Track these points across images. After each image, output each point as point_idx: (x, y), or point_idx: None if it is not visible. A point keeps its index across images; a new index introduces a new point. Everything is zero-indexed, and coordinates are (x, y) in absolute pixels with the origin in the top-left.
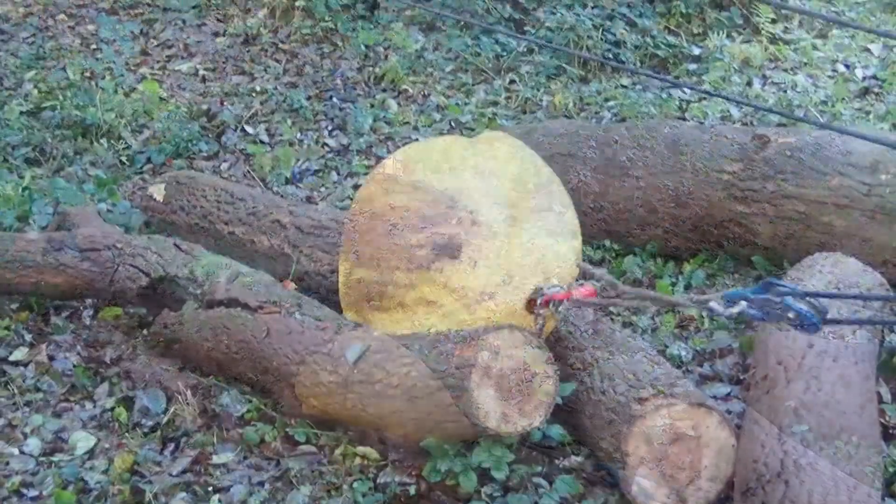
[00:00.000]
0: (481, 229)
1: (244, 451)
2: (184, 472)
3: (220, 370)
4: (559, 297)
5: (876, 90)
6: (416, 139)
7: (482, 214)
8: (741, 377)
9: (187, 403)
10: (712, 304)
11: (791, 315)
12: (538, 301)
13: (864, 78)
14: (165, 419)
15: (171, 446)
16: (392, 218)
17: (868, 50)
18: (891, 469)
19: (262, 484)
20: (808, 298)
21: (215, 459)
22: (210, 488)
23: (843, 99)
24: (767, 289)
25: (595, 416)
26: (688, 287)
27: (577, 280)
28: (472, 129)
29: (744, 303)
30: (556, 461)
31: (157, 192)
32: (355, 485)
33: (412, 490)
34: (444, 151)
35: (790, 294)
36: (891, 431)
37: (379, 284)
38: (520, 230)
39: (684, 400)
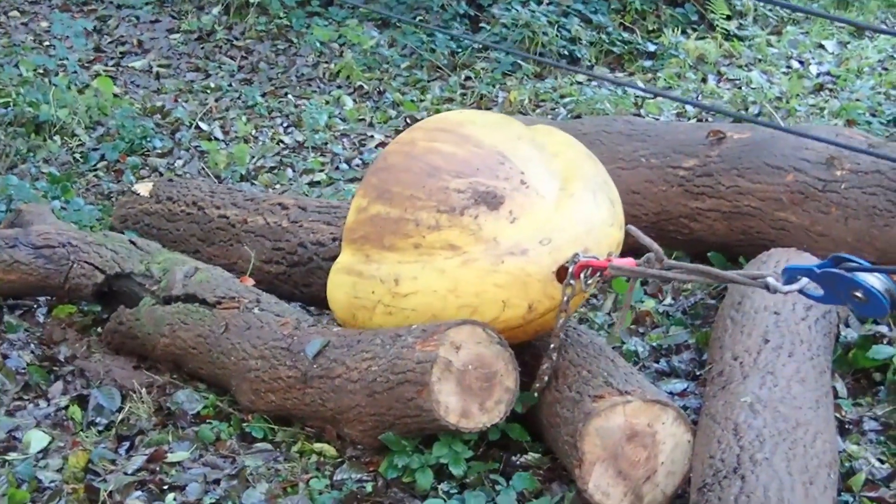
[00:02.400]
0: (529, 190)
1: (200, 448)
2: (139, 470)
3: (177, 366)
4: (596, 264)
5: (830, 86)
6: (371, 136)
7: (533, 178)
8: (698, 373)
9: (142, 401)
10: (769, 280)
11: (860, 294)
12: (570, 269)
13: (818, 74)
14: (120, 417)
15: (126, 444)
16: (434, 160)
17: (822, 46)
18: (847, 464)
19: (217, 482)
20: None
21: (170, 457)
22: (165, 486)
23: (798, 95)
24: (836, 263)
25: (551, 414)
26: (644, 283)
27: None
28: None
29: (804, 279)
30: (514, 458)
31: (143, 188)
32: (312, 482)
33: (369, 487)
34: (498, 121)
35: (864, 270)
36: (846, 426)
37: (397, 222)
38: (569, 202)
39: (640, 397)
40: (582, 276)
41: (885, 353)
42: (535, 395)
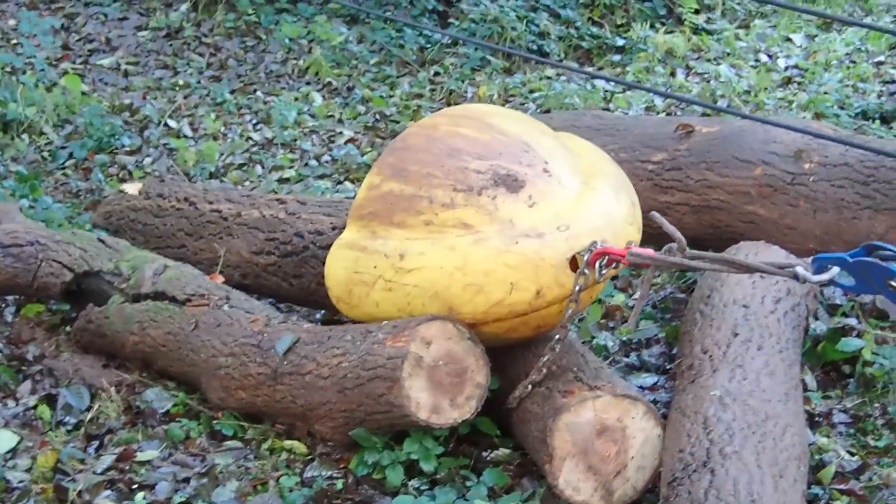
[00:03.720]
0: (551, 179)
1: (169, 447)
2: (108, 469)
3: (147, 364)
4: (614, 251)
5: (798, 79)
6: (341, 132)
7: (556, 168)
8: (668, 367)
9: (111, 400)
10: (799, 270)
11: (895, 283)
12: (585, 257)
13: (786, 67)
14: (89, 416)
15: (95, 444)
16: (457, 143)
17: (790, 40)
18: (816, 456)
19: (187, 480)
20: None
21: (140, 456)
22: (135, 485)
23: (766, 88)
24: (869, 252)
25: (521, 409)
26: (615, 278)
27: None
28: (397, 122)
29: (836, 269)
30: (484, 453)
31: (132, 188)
32: (282, 480)
33: (339, 484)
34: (523, 116)
35: None
36: (816, 419)
37: (410, 199)
38: (591, 195)
39: (609, 391)
40: (597, 265)
41: (854, 345)
42: (529, 386)
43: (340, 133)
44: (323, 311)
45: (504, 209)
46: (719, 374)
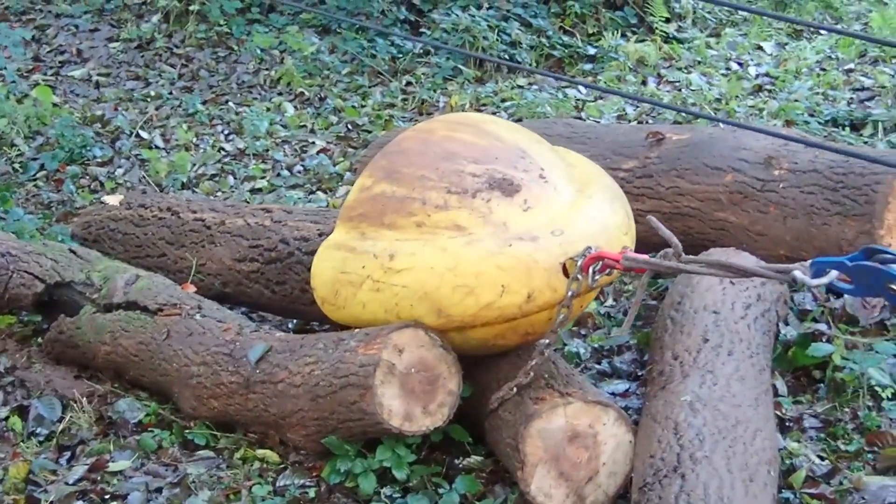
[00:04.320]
0: (547, 185)
1: (142, 457)
2: (80, 480)
3: (119, 374)
4: (609, 255)
5: (769, 87)
6: (313, 142)
7: (552, 175)
8: (639, 373)
9: (83, 411)
10: (796, 274)
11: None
12: (579, 262)
13: (757, 76)
14: (61, 427)
15: (67, 454)
16: (453, 147)
17: (761, 48)
18: (787, 461)
19: (159, 490)
20: None
21: (112, 467)
22: (107, 496)
23: (737, 96)
24: (869, 255)
25: (493, 416)
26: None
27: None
28: (370, 132)
29: (834, 272)
30: (456, 460)
31: (113, 199)
32: (255, 489)
33: (312, 492)
34: (519, 126)
35: None
36: (787, 424)
37: (402, 200)
38: (587, 202)
39: (581, 398)
40: (591, 270)
41: (825, 350)
42: (514, 390)
43: (312, 143)
44: (295, 321)
45: (498, 212)
46: (690, 379)
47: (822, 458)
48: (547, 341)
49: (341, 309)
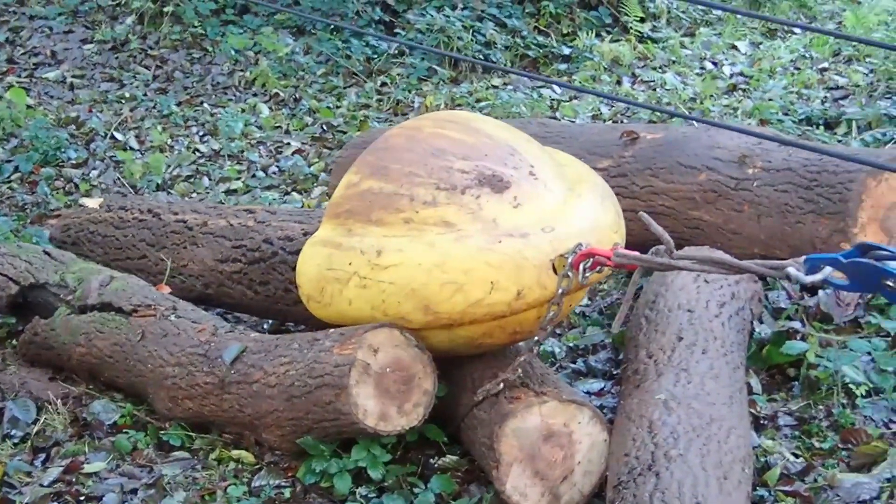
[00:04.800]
0: (537, 182)
1: (116, 458)
2: (55, 481)
3: (94, 376)
4: (600, 252)
5: (743, 87)
6: (288, 143)
7: (542, 173)
8: (614, 372)
9: (58, 413)
10: (790, 270)
11: (891, 283)
12: (569, 259)
13: (731, 75)
14: (36, 429)
15: (42, 456)
16: (441, 143)
17: (735, 47)
18: (762, 459)
19: (134, 492)
20: None
21: (87, 468)
22: (82, 497)
23: (712, 96)
24: (864, 252)
25: (468, 415)
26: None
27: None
28: (345, 133)
29: (828, 269)
30: (432, 460)
31: (92, 202)
32: (230, 489)
33: (287, 493)
34: (506, 125)
35: (894, 258)
36: (761, 422)
37: (390, 196)
38: (577, 200)
39: (555, 397)
40: (581, 267)
41: (799, 348)
42: (500, 385)
43: (287, 144)
44: (271, 322)
45: (488, 209)
46: (664, 378)
47: (796, 456)
48: (537, 338)
49: (327, 306)
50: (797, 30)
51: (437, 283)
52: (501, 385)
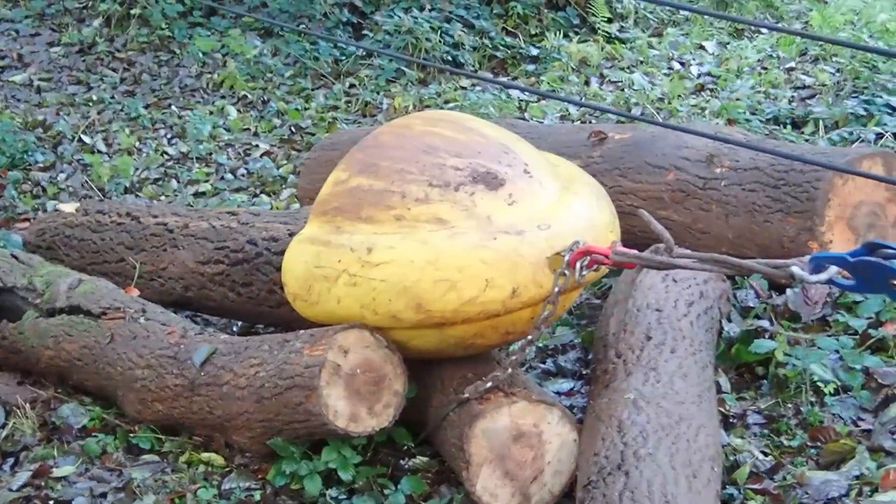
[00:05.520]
0: (532, 180)
1: (86, 462)
2: (24, 486)
3: (62, 379)
4: (598, 250)
5: (711, 86)
6: (256, 145)
7: (536, 171)
8: (584, 372)
9: (26, 417)
10: (794, 270)
11: None
12: (566, 257)
13: (699, 75)
14: (4, 434)
15: (11, 461)
16: (433, 141)
17: (702, 47)
18: (731, 457)
19: (104, 495)
20: None
21: (56, 472)
22: (51, 502)
23: (679, 96)
24: (871, 251)
25: (438, 416)
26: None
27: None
28: (313, 134)
29: (834, 268)
30: (402, 461)
31: (68, 207)
32: (200, 492)
33: (257, 495)
34: (498, 126)
35: None
36: (731, 420)
37: (380, 193)
38: (573, 198)
39: (525, 397)
40: (578, 265)
41: (767, 347)
42: (489, 383)
43: (256, 146)
44: (240, 323)
45: (482, 206)
46: (633, 377)
47: (765, 454)
48: (530, 337)
49: (314, 305)
50: (764, 30)
51: (430, 280)
52: (490, 384)
